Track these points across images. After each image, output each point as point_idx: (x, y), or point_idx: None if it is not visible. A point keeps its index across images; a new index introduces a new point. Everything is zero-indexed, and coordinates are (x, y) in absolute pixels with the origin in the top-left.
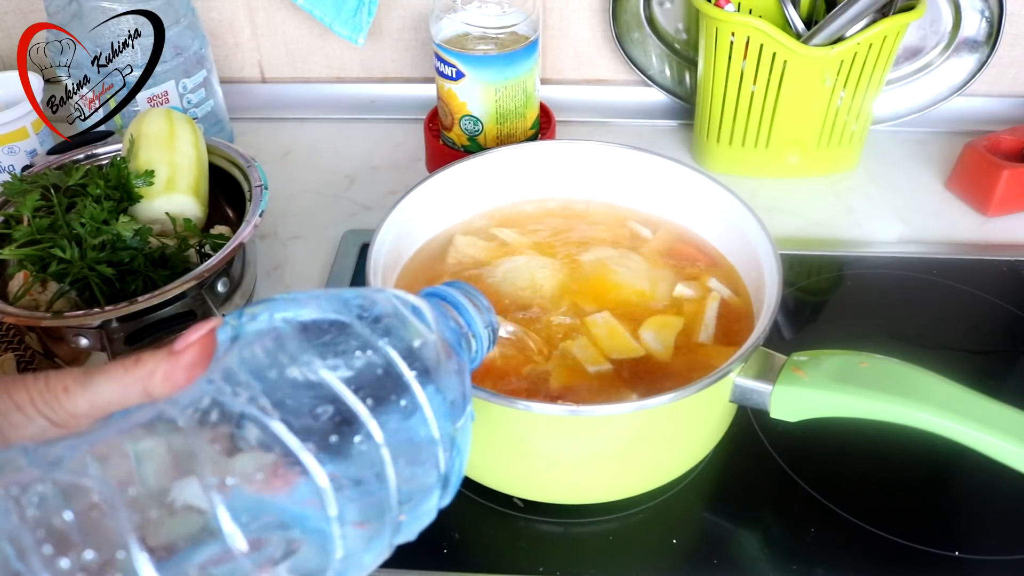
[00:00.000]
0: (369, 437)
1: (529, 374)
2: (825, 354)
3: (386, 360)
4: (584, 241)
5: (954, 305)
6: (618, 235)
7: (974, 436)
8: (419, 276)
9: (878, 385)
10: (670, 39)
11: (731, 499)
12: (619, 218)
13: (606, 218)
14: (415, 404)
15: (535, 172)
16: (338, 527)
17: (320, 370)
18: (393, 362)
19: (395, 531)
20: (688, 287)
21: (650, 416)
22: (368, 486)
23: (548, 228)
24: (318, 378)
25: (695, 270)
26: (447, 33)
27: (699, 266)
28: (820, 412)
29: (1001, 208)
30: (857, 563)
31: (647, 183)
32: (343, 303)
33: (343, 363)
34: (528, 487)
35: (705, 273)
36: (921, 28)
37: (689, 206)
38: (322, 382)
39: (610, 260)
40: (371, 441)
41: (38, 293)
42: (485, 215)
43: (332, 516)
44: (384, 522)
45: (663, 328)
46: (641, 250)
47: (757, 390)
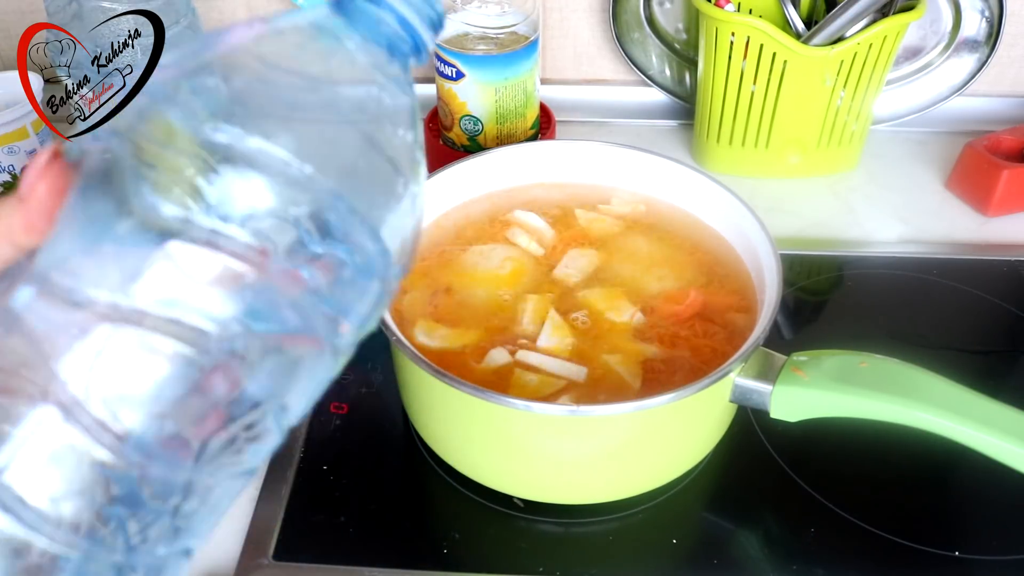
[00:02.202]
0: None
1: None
2: (825, 354)
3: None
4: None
5: (954, 305)
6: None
7: (974, 436)
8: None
9: (878, 385)
10: (670, 39)
11: (731, 499)
12: (619, 218)
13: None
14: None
15: (535, 172)
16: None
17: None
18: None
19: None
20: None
21: (650, 416)
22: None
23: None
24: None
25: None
26: (447, 33)
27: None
28: (820, 412)
29: (1001, 208)
30: (857, 563)
31: (647, 183)
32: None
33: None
34: (527, 487)
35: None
36: (921, 28)
37: (689, 206)
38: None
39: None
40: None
41: None
42: (484, 214)
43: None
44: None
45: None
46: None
47: (757, 390)
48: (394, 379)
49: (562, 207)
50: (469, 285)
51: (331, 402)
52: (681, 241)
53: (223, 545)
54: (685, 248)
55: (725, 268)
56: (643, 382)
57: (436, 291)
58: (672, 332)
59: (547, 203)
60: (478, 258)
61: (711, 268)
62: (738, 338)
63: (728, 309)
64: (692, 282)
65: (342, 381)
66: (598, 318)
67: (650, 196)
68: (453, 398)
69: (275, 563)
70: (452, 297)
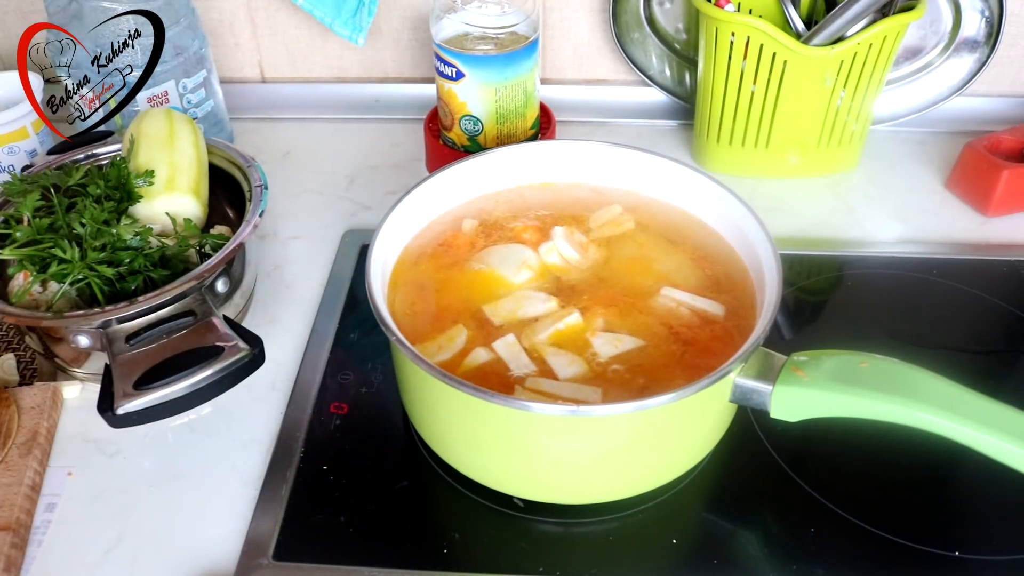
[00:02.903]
0: None
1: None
2: (825, 354)
3: None
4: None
5: (954, 305)
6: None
7: (974, 436)
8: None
9: (878, 385)
10: (670, 39)
11: (731, 499)
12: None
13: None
14: None
15: (535, 172)
16: None
17: None
18: None
19: None
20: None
21: (650, 416)
22: None
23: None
24: None
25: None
26: (447, 33)
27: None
28: (820, 412)
29: (1001, 208)
30: (857, 563)
31: (647, 183)
32: None
33: None
34: (528, 487)
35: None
36: (921, 28)
37: (689, 206)
38: None
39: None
40: None
41: (38, 293)
42: (484, 213)
43: None
44: None
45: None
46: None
47: (757, 390)
48: (394, 379)
49: (557, 213)
50: (467, 285)
51: (331, 402)
52: (681, 242)
53: (223, 545)
54: (686, 250)
55: (725, 268)
56: (644, 382)
57: (424, 290)
58: (672, 332)
59: (541, 206)
60: (487, 259)
61: (712, 268)
62: (739, 338)
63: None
64: (695, 285)
65: (342, 381)
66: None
67: (648, 197)
68: (453, 398)
69: (275, 563)
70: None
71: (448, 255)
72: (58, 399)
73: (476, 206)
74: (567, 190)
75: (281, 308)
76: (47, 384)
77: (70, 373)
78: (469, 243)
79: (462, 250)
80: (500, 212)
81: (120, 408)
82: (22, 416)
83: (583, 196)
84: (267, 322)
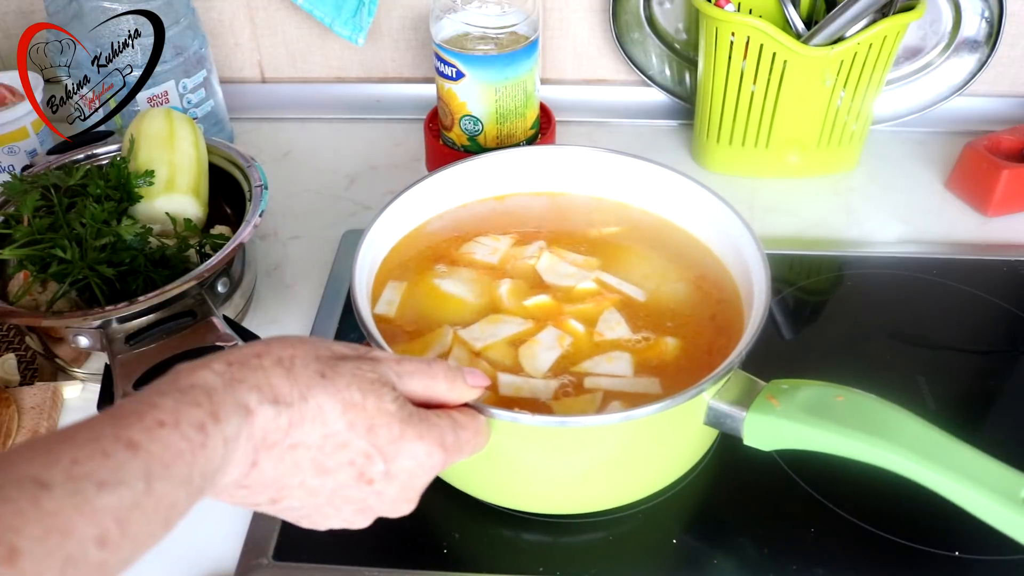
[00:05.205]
0: None
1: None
2: (804, 384)
3: None
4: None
5: (954, 305)
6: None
7: (945, 484)
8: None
9: (849, 421)
10: (670, 39)
11: (731, 499)
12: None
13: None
14: None
15: (532, 176)
16: None
17: None
18: None
19: None
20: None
21: (624, 431)
22: None
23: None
24: None
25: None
26: (447, 33)
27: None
28: (790, 444)
29: (1001, 208)
30: (857, 563)
31: (640, 187)
32: None
33: None
34: (514, 499)
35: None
36: (921, 28)
37: (680, 211)
38: None
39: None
40: None
41: (38, 293)
42: (481, 214)
43: None
44: None
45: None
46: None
47: (731, 415)
48: None
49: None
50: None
51: None
52: (669, 254)
53: (223, 545)
54: (673, 262)
55: (718, 286)
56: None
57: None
58: (661, 348)
59: (530, 216)
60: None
61: (705, 284)
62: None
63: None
64: (687, 300)
65: None
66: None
67: (638, 207)
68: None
69: (275, 563)
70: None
71: (431, 264)
72: (58, 399)
73: (474, 207)
74: (561, 199)
75: (281, 308)
76: (47, 384)
77: (70, 373)
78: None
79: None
80: (495, 214)
81: None
82: (22, 416)
83: (577, 199)
84: (267, 322)
